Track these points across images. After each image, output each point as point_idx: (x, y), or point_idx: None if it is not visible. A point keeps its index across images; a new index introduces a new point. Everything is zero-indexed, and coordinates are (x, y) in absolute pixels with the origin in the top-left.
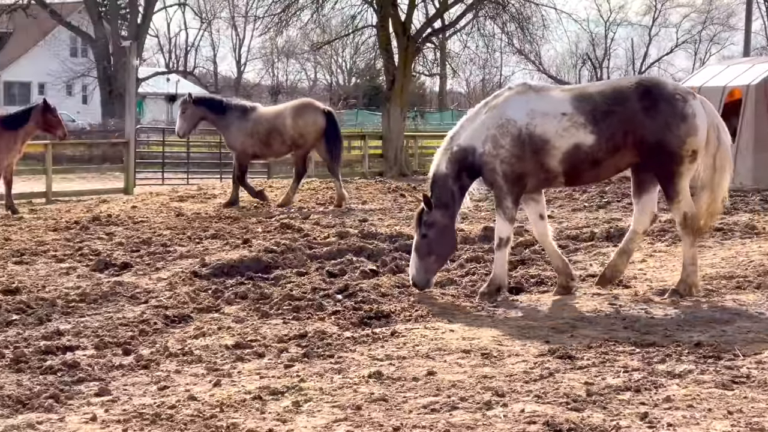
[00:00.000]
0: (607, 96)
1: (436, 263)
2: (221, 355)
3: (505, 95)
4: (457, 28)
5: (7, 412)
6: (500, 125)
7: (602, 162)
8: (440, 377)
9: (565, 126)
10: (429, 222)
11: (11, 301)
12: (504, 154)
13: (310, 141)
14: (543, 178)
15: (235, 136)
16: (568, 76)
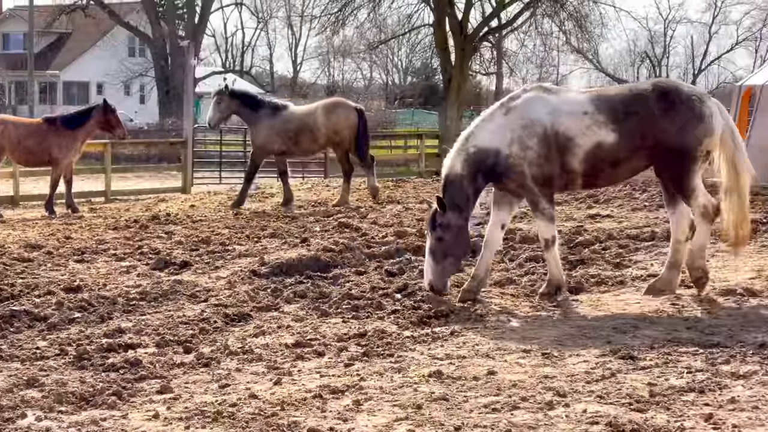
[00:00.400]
0: (626, 97)
1: (453, 266)
2: (281, 353)
3: (523, 97)
4: (514, 26)
5: (71, 409)
6: (525, 126)
7: (621, 162)
8: (501, 377)
9: (587, 124)
10: (444, 224)
11: (73, 299)
12: (532, 155)
13: (347, 138)
14: (563, 181)
15: (260, 131)
16: (625, 74)
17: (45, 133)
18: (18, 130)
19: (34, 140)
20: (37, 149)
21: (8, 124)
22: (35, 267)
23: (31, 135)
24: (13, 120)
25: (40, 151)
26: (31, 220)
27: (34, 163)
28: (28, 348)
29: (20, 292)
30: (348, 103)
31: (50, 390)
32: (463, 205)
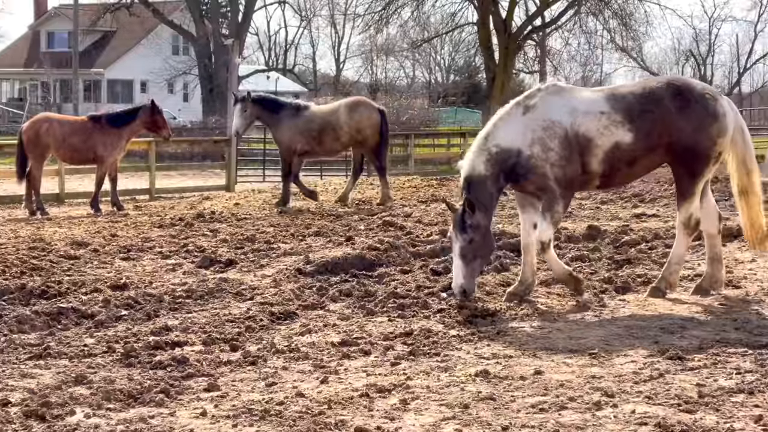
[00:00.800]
0: (639, 96)
1: (480, 266)
2: (327, 352)
3: (540, 96)
4: (558, 24)
5: (119, 406)
6: (546, 127)
7: (637, 161)
8: (548, 376)
9: (605, 124)
10: (474, 225)
11: (120, 296)
12: (554, 157)
13: (370, 137)
14: (581, 180)
15: (284, 132)
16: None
17: (90, 131)
18: (63, 127)
19: (79, 138)
20: (82, 147)
21: (53, 122)
22: (82, 264)
23: (76, 133)
24: (57, 118)
25: (85, 149)
26: (77, 218)
27: (78, 160)
28: (76, 345)
29: (67, 289)
30: (371, 102)
31: (98, 387)
32: (489, 206)
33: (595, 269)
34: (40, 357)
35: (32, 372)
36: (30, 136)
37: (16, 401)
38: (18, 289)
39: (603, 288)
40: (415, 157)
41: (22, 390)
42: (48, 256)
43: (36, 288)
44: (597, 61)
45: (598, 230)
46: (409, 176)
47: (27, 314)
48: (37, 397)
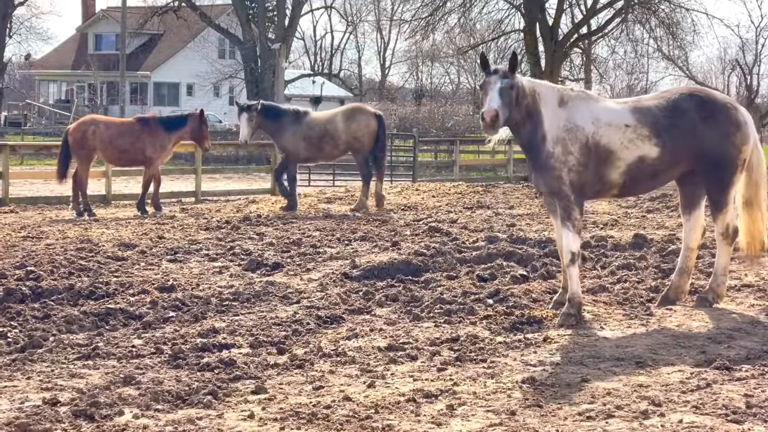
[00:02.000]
0: (665, 109)
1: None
2: (374, 356)
3: (571, 98)
4: (604, 32)
5: (167, 407)
6: (569, 129)
7: (660, 174)
8: (594, 384)
9: (630, 138)
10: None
11: (167, 298)
12: (572, 162)
13: (367, 143)
14: (597, 189)
15: (288, 139)
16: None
17: (138, 132)
18: (109, 130)
19: (127, 140)
20: (130, 148)
21: (99, 124)
22: (129, 266)
23: (123, 135)
24: (103, 120)
25: (134, 151)
26: (124, 219)
27: (126, 162)
28: (124, 346)
29: (115, 290)
30: (368, 108)
31: (147, 388)
32: None
33: (641, 278)
34: (88, 357)
35: (81, 372)
36: (76, 137)
37: (66, 401)
38: (66, 289)
39: (650, 297)
40: (460, 163)
41: (71, 390)
42: (95, 257)
43: (84, 289)
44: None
45: (644, 239)
46: (454, 182)
47: (75, 314)
48: (86, 397)
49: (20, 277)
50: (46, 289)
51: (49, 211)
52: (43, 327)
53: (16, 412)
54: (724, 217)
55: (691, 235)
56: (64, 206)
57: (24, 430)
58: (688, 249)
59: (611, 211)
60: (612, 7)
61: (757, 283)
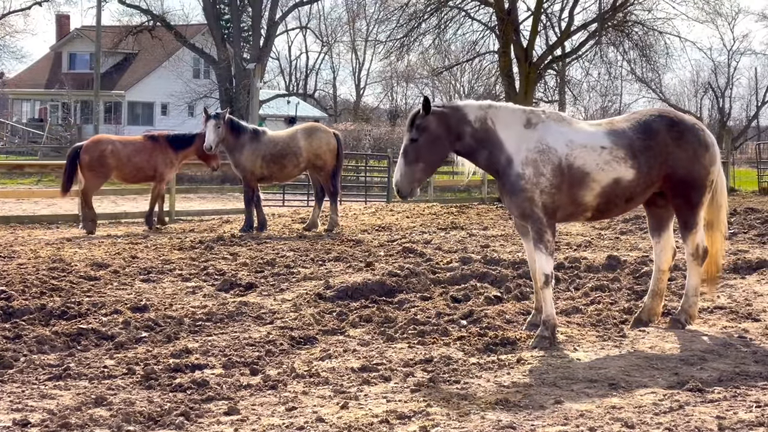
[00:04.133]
0: (638, 130)
1: (422, 173)
2: (347, 377)
3: (543, 120)
4: (578, 54)
5: (139, 428)
6: (541, 151)
7: (635, 197)
8: (568, 406)
9: (606, 159)
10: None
11: (140, 318)
12: (545, 184)
13: (329, 161)
14: (570, 212)
15: (246, 156)
16: (688, 104)
17: (150, 150)
18: (126, 148)
19: (142, 157)
20: (145, 165)
21: (115, 143)
22: (102, 286)
23: (139, 152)
24: (118, 139)
25: (148, 167)
26: (96, 239)
27: (139, 179)
28: (96, 366)
29: (87, 310)
30: (326, 128)
31: (118, 409)
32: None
33: (615, 299)
34: (60, 378)
35: (52, 393)
36: (94, 156)
37: (36, 422)
38: (38, 309)
39: (623, 318)
40: (434, 184)
41: (42, 411)
42: (68, 276)
43: (56, 308)
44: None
45: (617, 260)
46: (428, 203)
47: (47, 335)
48: (57, 418)
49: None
50: (18, 309)
51: (21, 230)
52: (14, 347)
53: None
54: (694, 238)
55: (662, 256)
56: (36, 226)
57: None
58: (659, 271)
59: (585, 232)
60: (586, 29)
61: (729, 305)
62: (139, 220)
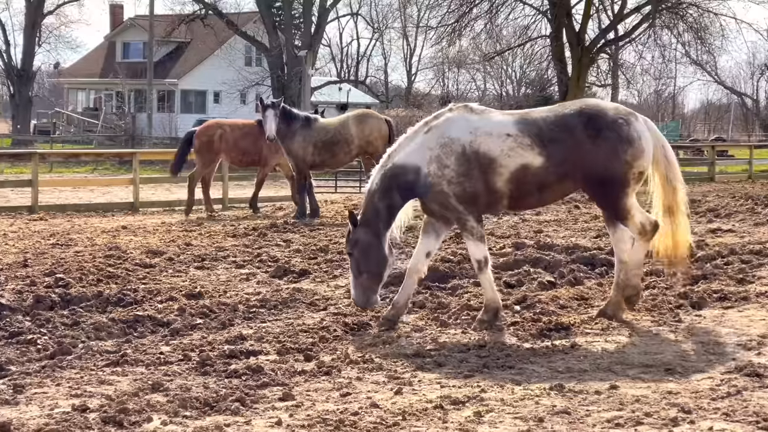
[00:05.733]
0: (552, 122)
1: (371, 282)
2: (401, 363)
3: (446, 116)
4: (632, 37)
5: (195, 414)
6: (443, 144)
7: (549, 187)
8: (623, 391)
9: (510, 146)
10: (353, 240)
11: (195, 305)
12: (450, 174)
13: (381, 147)
14: (487, 201)
15: (298, 144)
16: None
17: (257, 135)
18: (234, 132)
19: (249, 141)
20: (251, 149)
21: (225, 127)
22: (157, 273)
23: (246, 136)
24: (228, 123)
25: (254, 152)
26: (152, 226)
27: (246, 163)
28: (152, 353)
29: (143, 297)
30: (378, 114)
31: (175, 395)
32: (372, 221)
33: (670, 284)
34: (117, 364)
35: (110, 379)
36: (203, 141)
37: (95, 407)
38: (95, 296)
39: (678, 303)
40: None
41: (100, 396)
42: (124, 264)
43: (112, 296)
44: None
45: None
46: None
47: (104, 321)
48: (115, 404)
49: (49, 285)
50: (75, 296)
51: (77, 218)
52: (72, 334)
53: (46, 418)
54: (633, 220)
55: (622, 248)
56: (92, 214)
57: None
58: (620, 262)
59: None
60: (639, 12)
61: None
62: (193, 208)
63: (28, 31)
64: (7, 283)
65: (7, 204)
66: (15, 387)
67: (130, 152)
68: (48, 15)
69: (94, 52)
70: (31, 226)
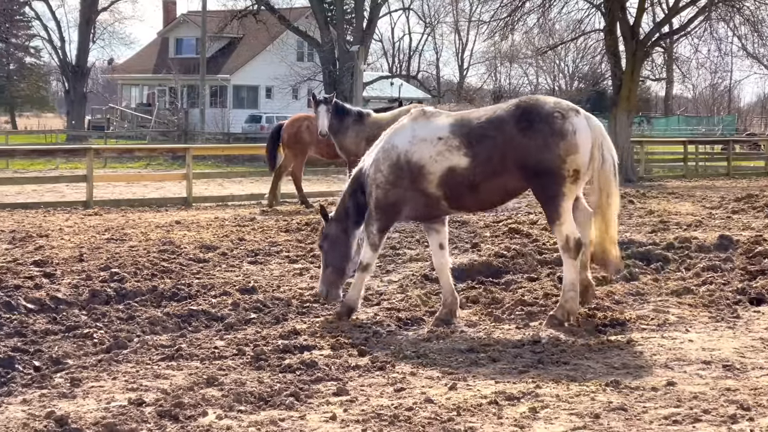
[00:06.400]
0: (483, 120)
1: (335, 275)
2: (455, 358)
3: (402, 122)
4: (687, 31)
5: (250, 408)
6: (385, 150)
7: (481, 185)
8: (680, 388)
9: (439, 150)
10: (324, 234)
11: (248, 299)
12: (380, 179)
13: None
14: (424, 203)
15: (350, 138)
16: None
17: None
18: None
19: None
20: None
21: (311, 120)
22: (210, 268)
23: None
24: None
25: None
26: (205, 221)
27: (333, 155)
28: (207, 347)
29: (197, 292)
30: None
31: (230, 389)
32: (342, 218)
33: (727, 279)
34: (172, 358)
35: (165, 373)
36: (291, 134)
37: (150, 401)
38: (150, 291)
39: (736, 299)
40: None
41: (156, 390)
42: (178, 259)
43: (167, 290)
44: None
45: (730, 240)
46: None
47: (159, 316)
48: (170, 398)
49: (105, 279)
50: (130, 291)
51: (131, 213)
52: (127, 328)
53: (103, 412)
54: (561, 229)
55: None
56: (146, 209)
57: (111, 431)
58: None
59: (695, 212)
60: (695, 5)
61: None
62: (245, 203)
63: (83, 27)
64: (63, 278)
65: (63, 199)
66: (72, 380)
67: (183, 147)
68: (102, 11)
69: (147, 48)
70: (86, 220)
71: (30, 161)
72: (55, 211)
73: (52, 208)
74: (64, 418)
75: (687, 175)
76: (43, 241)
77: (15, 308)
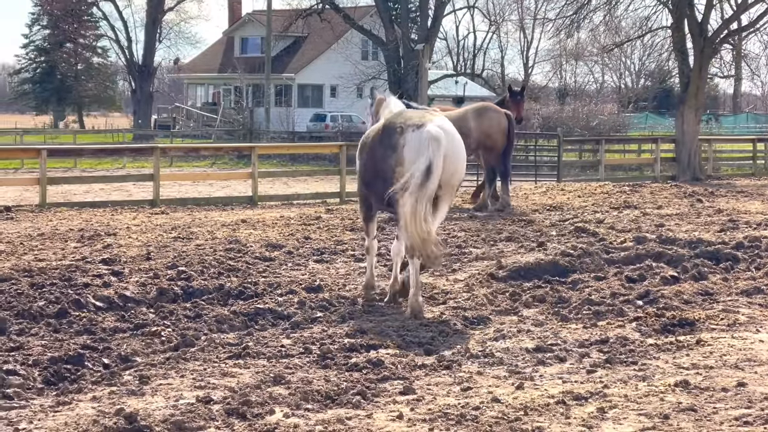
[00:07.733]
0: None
1: None
2: (522, 358)
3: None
4: (756, 28)
5: (317, 407)
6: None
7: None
8: (752, 389)
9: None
10: None
11: (314, 298)
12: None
13: (500, 141)
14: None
15: None
16: None
17: None
18: None
19: None
20: None
21: None
22: (276, 266)
23: None
24: None
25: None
26: (270, 220)
27: None
28: (274, 345)
29: (263, 290)
30: (498, 108)
31: (296, 388)
32: None
33: None
34: (239, 356)
35: (232, 371)
36: None
37: (218, 399)
38: (216, 289)
39: None
40: (605, 162)
41: (224, 388)
42: (244, 257)
43: (233, 289)
44: None
45: None
46: (599, 182)
47: (225, 314)
48: (238, 396)
49: (172, 277)
50: (197, 289)
51: (197, 212)
52: (194, 326)
53: (171, 409)
54: (402, 233)
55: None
56: (212, 207)
57: (179, 428)
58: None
59: (765, 210)
60: (764, 1)
61: None
62: (310, 201)
63: (149, 27)
64: (131, 276)
65: (130, 198)
66: (141, 378)
67: (248, 146)
68: (168, 11)
69: (213, 48)
70: (153, 219)
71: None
72: (123, 209)
73: (119, 207)
74: (133, 415)
75: (756, 174)
76: (111, 239)
77: (84, 306)
